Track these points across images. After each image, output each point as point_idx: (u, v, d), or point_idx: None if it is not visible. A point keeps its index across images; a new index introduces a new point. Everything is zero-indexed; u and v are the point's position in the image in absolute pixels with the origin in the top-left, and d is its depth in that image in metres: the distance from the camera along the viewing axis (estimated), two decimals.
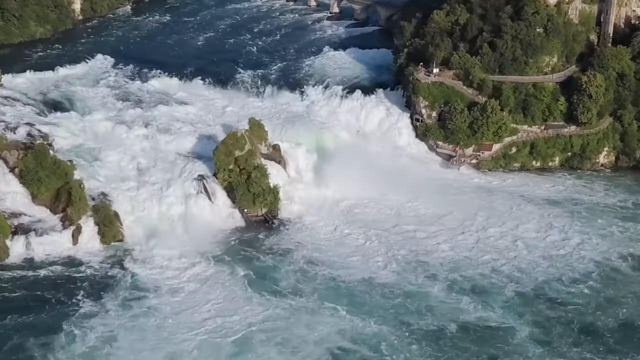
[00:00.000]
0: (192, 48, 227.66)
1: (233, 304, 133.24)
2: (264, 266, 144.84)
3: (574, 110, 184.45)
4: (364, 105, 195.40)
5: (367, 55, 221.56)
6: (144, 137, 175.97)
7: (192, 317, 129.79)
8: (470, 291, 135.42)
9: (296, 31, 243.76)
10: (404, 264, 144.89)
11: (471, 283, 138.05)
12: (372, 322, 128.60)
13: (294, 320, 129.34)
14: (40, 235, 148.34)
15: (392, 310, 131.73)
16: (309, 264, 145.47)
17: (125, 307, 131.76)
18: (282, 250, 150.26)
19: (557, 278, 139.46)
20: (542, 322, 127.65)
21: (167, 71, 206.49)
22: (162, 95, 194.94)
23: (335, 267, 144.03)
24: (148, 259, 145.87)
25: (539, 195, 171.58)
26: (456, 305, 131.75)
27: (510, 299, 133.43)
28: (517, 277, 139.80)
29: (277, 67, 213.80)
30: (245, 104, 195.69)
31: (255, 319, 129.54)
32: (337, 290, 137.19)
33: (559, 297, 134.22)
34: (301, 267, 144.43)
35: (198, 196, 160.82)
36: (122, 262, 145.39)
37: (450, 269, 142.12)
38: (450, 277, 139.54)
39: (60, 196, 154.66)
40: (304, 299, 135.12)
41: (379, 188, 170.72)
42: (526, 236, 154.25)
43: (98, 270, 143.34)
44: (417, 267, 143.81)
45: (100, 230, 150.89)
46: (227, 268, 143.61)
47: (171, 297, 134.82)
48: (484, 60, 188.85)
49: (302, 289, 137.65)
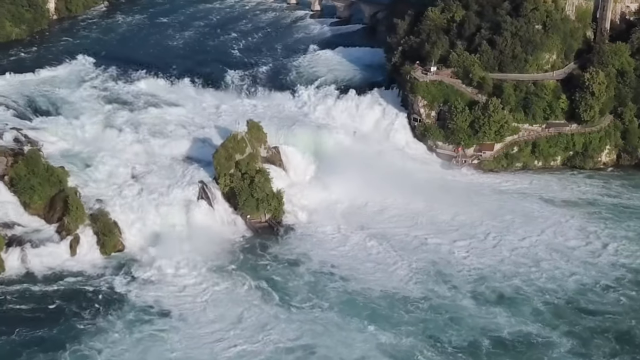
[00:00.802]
0: (175, 48, 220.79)
1: (254, 322, 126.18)
2: (277, 278, 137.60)
3: (576, 108, 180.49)
4: (359, 105, 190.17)
5: (356, 53, 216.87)
6: (137, 141, 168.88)
7: (213, 343, 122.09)
8: (499, 302, 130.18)
9: (279, 30, 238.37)
10: (423, 273, 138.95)
11: (499, 293, 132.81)
12: (404, 337, 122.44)
13: (327, 337, 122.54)
14: (36, 247, 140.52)
15: (421, 325, 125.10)
16: (322, 274, 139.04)
17: (132, 328, 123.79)
18: (291, 260, 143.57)
19: (590, 286, 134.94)
20: (578, 334, 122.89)
21: (152, 72, 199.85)
22: (151, 97, 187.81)
23: (350, 278, 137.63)
24: (152, 272, 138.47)
25: (557, 197, 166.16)
26: (487, 318, 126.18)
27: (543, 310, 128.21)
28: (547, 286, 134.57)
29: (266, 67, 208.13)
30: (237, 106, 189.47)
31: (284, 337, 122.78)
32: (357, 304, 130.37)
33: (593, 306, 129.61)
34: (315, 278, 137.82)
35: (199, 203, 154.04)
36: (126, 274, 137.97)
37: (476, 279, 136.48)
38: (476, 288, 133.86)
39: (55, 205, 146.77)
40: (327, 313, 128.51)
41: (383, 191, 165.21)
42: (553, 241, 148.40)
43: (100, 283, 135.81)
44: (438, 277, 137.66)
45: (99, 241, 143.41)
46: (238, 282, 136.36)
47: (185, 317, 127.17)
48: (483, 58, 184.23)
49: (321, 303, 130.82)
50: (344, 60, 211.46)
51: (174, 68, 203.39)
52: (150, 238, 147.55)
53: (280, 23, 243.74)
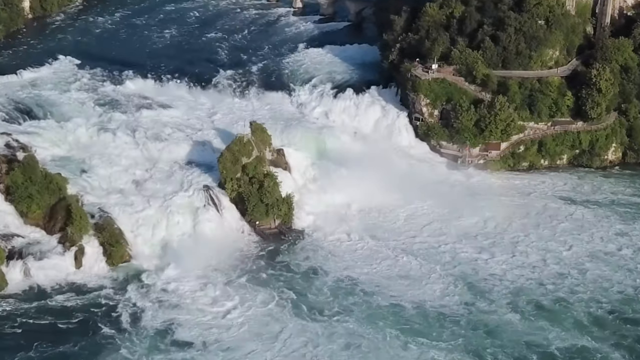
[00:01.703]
0: (159, 47, 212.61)
1: (293, 341, 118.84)
2: (297, 292, 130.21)
3: (583, 105, 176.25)
4: (359, 105, 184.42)
5: (347, 51, 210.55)
6: (133, 144, 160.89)
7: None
8: (542, 315, 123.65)
9: (263, 28, 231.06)
10: (456, 285, 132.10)
11: (540, 305, 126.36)
12: (448, 354, 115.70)
13: (376, 356, 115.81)
14: (39, 260, 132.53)
15: (461, 340, 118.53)
16: (344, 288, 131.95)
17: (153, 356, 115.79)
18: (308, 271, 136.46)
19: (635, 293, 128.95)
20: (632, 346, 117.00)
21: (139, 72, 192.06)
22: (142, 99, 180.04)
23: (376, 291, 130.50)
24: (165, 284, 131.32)
25: (581, 197, 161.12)
26: (532, 332, 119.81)
27: (589, 322, 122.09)
28: (590, 296, 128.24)
29: (257, 66, 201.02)
30: (233, 106, 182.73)
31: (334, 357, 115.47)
32: (391, 319, 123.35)
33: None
34: (338, 292, 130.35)
35: (206, 209, 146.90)
36: (138, 288, 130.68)
37: (514, 290, 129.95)
38: (515, 299, 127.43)
39: (55, 214, 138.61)
40: (363, 328, 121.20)
41: (393, 194, 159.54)
42: (591, 247, 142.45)
43: (111, 298, 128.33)
44: (473, 289, 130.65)
45: (106, 251, 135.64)
46: (259, 295, 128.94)
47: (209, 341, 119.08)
48: (486, 54, 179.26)
49: (351, 319, 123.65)
50: (336, 58, 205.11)
51: (162, 68, 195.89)
52: (158, 247, 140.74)
53: (263, 21, 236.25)
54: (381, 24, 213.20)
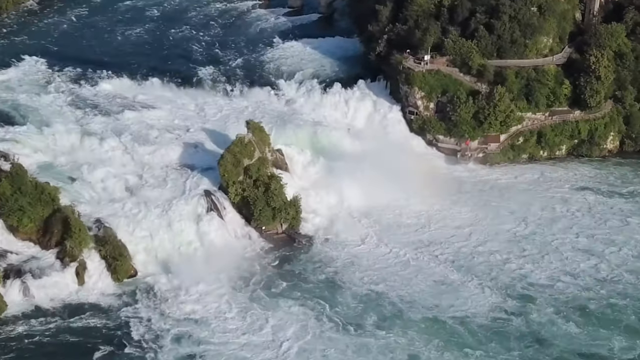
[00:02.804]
0: (129, 44, 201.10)
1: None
2: (327, 304, 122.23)
3: (581, 93, 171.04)
4: (348, 100, 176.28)
5: (326, 45, 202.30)
6: (121, 149, 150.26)
7: None
8: (597, 323, 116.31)
9: (233, 22, 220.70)
10: (497, 294, 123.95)
11: (592, 312, 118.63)
12: None
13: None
14: (38, 277, 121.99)
15: (517, 354, 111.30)
16: (373, 295, 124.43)
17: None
18: (330, 279, 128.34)
19: None
20: None
21: (113, 71, 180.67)
22: (123, 100, 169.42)
23: (407, 299, 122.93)
24: (181, 302, 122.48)
25: (611, 188, 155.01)
26: (591, 342, 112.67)
27: None
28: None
29: (237, 62, 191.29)
30: (218, 105, 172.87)
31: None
32: (434, 333, 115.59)
33: None
34: (368, 300, 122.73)
35: (209, 215, 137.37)
36: (149, 306, 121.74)
37: (560, 297, 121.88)
38: (563, 307, 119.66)
39: (50, 227, 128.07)
40: (410, 341, 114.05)
41: (398, 192, 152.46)
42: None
43: (121, 318, 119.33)
44: (517, 296, 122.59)
45: (110, 266, 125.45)
46: (278, 309, 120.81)
47: None
48: (481, 44, 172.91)
49: (393, 331, 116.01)
50: (316, 52, 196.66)
51: (135, 66, 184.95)
52: (163, 259, 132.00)
53: (231, 14, 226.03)
54: (356, 16, 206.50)
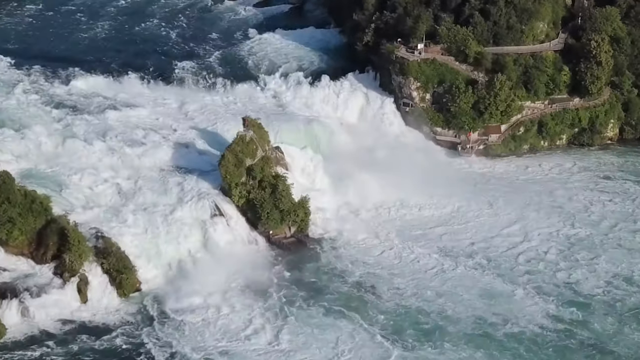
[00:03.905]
0: (96, 40, 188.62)
1: None
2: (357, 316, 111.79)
3: (582, 80, 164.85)
4: (339, 93, 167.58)
5: (305, 36, 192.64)
6: (108, 151, 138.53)
7: None
8: None
9: (201, 14, 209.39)
10: (547, 300, 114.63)
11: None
12: None
13: None
14: (37, 296, 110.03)
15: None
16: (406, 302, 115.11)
17: None
18: (352, 288, 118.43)
19: None
20: None
21: (85, 69, 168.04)
22: (101, 98, 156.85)
23: (447, 308, 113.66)
24: (198, 317, 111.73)
25: None
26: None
27: None
28: None
29: (215, 56, 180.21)
30: (202, 102, 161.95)
31: None
32: (478, 343, 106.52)
33: None
34: (403, 315, 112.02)
35: (214, 221, 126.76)
36: (165, 324, 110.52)
37: (621, 302, 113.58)
38: (623, 315, 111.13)
39: (44, 240, 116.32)
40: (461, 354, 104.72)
41: (408, 189, 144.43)
42: None
43: (134, 338, 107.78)
44: (569, 302, 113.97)
45: (114, 280, 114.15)
46: (317, 325, 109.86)
47: None
48: (476, 31, 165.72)
49: (439, 348, 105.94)
50: (296, 43, 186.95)
51: (108, 63, 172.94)
52: (168, 270, 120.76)
53: (196, 7, 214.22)
54: (331, 6, 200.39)
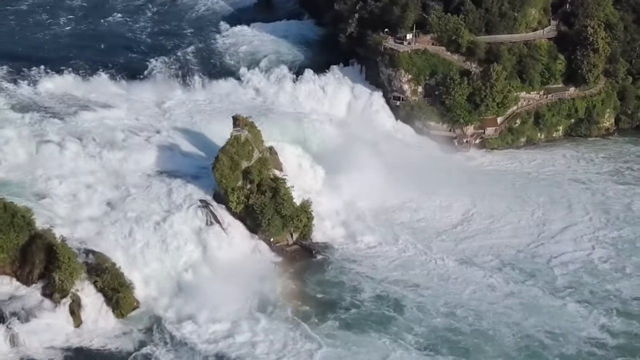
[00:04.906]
0: (62, 36, 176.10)
1: None
2: (393, 335, 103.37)
3: (578, 68, 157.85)
4: (324, 87, 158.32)
5: (280, 28, 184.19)
6: (87, 156, 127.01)
7: None
8: None
9: (166, 8, 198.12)
10: (599, 310, 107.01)
11: None
12: None
13: None
14: (26, 321, 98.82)
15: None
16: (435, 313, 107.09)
17: None
18: (378, 298, 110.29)
19: None
20: None
21: (52, 68, 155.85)
22: (72, 99, 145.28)
23: (482, 318, 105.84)
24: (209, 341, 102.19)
25: None
26: None
27: None
28: None
29: (188, 51, 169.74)
30: (181, 100, 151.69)
31: None
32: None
33: None
34: (436, 331, 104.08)
35: (210, 229, 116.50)
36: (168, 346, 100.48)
37: None
38: None
39: (29, 257, 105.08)
40: None
41: (406, 188, 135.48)
42: None
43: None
44: (603, 307, 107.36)
45: (110, 299, 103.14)
46: (349, 342, 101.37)
47: None
48: (468, 19, 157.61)
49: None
50: (271, 36, 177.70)
51: (75, 61, 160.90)
52: (166, 286, 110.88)
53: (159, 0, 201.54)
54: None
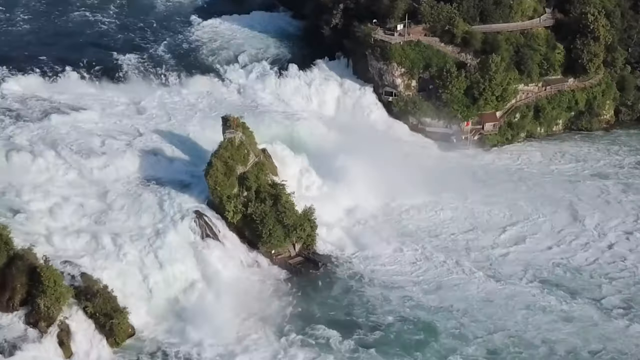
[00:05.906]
0: (23, 33, 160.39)
1: None
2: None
3: (578, 58, 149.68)
4: (310, 83, 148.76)
5: (255, 21, 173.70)
6: (63, 164, 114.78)
7: None
8: None
9: (130, 1, 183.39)
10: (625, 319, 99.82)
11: None
12: None
13: None
14: (9, 355, 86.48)
15: None
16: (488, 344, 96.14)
17: None
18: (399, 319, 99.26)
19: None
20: None
21: (16, 67, 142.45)
22: (40, 101, 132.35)
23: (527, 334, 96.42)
24: None
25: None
26: None
27: None
28: None
29: (161, 47, 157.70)
30: (159, 100, 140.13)
31: None
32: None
33: None
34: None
35: (206, 243, 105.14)
36: None
37: None
38: None
39: (8, 281, 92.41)
40: None
41: (409, 189, 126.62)
42: None
43: None
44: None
45: (103, 327, 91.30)
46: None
47: None
48: (462, 7, 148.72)
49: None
50: (246, 29, 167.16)
51: (40, 59, 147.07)
52: (164, 308, 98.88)
53: None
54: None
